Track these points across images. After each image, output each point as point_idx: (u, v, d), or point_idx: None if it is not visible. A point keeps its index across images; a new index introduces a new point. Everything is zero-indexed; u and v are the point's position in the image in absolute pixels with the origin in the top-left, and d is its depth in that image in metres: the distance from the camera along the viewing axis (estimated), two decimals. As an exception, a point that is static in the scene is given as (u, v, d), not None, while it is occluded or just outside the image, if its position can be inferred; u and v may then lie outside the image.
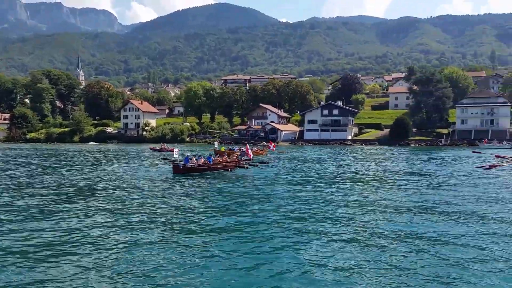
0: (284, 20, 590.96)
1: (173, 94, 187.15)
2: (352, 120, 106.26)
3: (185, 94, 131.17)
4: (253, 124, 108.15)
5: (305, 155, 54.62)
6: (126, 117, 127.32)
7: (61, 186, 22.09)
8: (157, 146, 68.54)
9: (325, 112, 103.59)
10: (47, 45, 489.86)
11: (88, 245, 10.36)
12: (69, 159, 46.74)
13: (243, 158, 33.35)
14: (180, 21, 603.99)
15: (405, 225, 12.57)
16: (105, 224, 12.72)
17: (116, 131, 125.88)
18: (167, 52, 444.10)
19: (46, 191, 19.99)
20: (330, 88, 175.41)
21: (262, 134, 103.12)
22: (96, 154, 58.31)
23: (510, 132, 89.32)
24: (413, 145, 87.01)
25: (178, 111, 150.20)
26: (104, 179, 24.74)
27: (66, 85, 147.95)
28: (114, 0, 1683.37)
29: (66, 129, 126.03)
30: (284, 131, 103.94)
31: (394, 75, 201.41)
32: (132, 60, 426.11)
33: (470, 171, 29.30)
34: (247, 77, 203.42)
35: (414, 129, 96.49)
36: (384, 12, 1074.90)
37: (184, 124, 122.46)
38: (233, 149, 50.01)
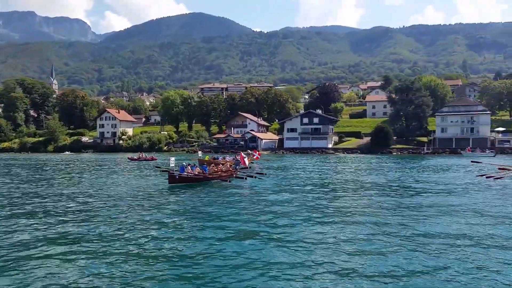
0: (258, 29, 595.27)
1: (148, 103, 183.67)
2: (332, 129, 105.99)
3: (162, 103, 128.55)
4: (232, 132, 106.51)
5: (291, 164, 53.43)
6: (102, 126, 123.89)
7: (51, 198, 20.89)
8: (135, 156, 67.04)
9: (305, 120, 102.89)
10: (20, 53, 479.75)
11: (84, 257, 10.20)
12: (53, 170, 44.33)
13: (238, 167, 32.06)
14: (154, 30, 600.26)
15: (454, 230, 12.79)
16: (104, 235, 12.47)
17: (92, 140, 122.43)
18: (141, 61, 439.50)
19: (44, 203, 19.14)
20: (306, 96, 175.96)
21: (242, 142, 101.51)
22: (78, 164, 55.71)
23: (491, 140, 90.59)
24: (395, 153, 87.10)
25: (155, 119, 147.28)
26: (96, 192, 23.24)
27: (41, 94, 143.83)
28: (88, 9, 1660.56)
29: (41, 139, 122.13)
30: (264, 139, 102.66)
31: (369, 84, 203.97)
32: (106, 69, 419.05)
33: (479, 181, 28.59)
34: (224, 85, 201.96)
35: (394, 138, 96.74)
36: (357, 22, 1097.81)
37: (162, 133, 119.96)
38: (218, 158, 48.27)
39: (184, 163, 27.74)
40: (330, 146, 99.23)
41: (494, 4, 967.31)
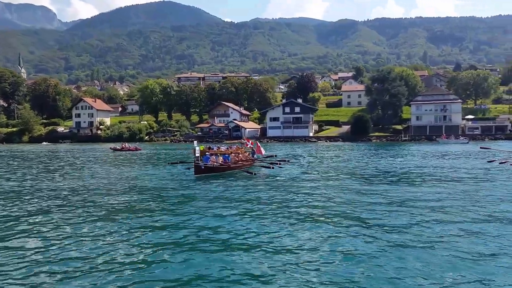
0: (228, 19, 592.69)
1: (122, 92, 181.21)
2: (312, 118, 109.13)
3: (141, 92, 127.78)
4: (215, 122, 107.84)
5: (289, 151, 55.73)
6: (78, 115, 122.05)
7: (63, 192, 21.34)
8: (118, 146, 66.29)
9: (287, 109, 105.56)
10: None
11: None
12: (54, 161, 44.46)
13: (255, 156, 32.10)
14: (123, 18, 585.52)
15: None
16: (164, 228, 12.03)
17: (68, 130, 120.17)
18: (110, 50, 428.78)
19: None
20: (281, 87, 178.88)
21: (226, 131, 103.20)
22: (69, 155, 55.99)
23: (462, 127, 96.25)
24: (374, 140, 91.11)
25: (132, 109, 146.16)
26: (128, 185, 21.61)
27: (11, 83, 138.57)
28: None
29: (14, 129, 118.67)
30: (248, 128, 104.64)
31: (340, 74, 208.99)
32: (73, 57, 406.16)
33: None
34: (201, 75, 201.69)
35: (372, 126, 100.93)
36: (323, 14, 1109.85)
37: (142, 122, 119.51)
38: (213, 148, 49.60)
39: (207, 153, 27.00)
40: (311, 134, 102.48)
41: (449, 0, 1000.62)
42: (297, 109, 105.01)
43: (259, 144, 33.08)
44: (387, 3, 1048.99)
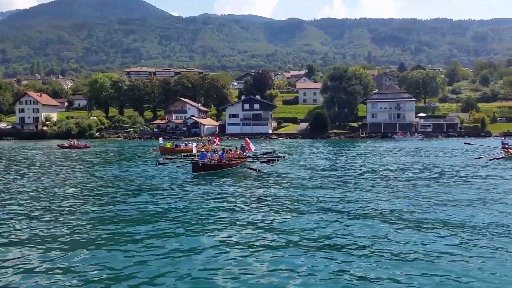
0: (176, 14, 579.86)
1: (66, 86, 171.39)
2: (271, 114, 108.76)
3: (90, 86, 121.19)
4: (172, 118, 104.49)
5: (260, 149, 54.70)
6: (22, 110, 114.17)
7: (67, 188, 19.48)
8: (66, 143, 62.14)
9: (246, 106, 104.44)
10: None
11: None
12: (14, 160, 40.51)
13: (245, 153, 30.62)
14: (65, 10, 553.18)
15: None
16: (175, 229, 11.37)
17: (11, 126, 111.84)
18: (50, 42, 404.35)
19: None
20: (235, 83, 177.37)
21: (184, 128, 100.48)
22: (23, 155, 51.53)
23: (414, 125, 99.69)
24: (333, 137, 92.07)
25: (79, 104, 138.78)
26: (128, 184, 20.13)
27: None
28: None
29: None
30: (207, 125, 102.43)
31: (293, 72, 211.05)
32: (11, 49, 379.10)
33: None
34: (152, 69, 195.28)
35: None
36: (272, 12, 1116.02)
37: (91, 118, 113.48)
38: (179, 146, 47.61)
39: (203, 150, 26.66)
40: (270, 131, 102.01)
41: (391, 2, 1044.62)
42: (257, 106, 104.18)
43: (248, 141, 31.70)
44: (333, 3, 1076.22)
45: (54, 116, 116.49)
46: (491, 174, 22.82)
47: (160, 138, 55.39)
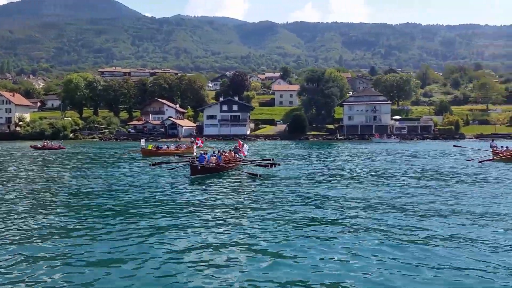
0: (148, 14, 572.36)
1: (38, 86, 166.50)
2: (249, 116, 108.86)
3: (65, 86, 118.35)
4: (149, 119, 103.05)
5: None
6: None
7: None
8: (39, 144, 60.32)
9: (225, 107, 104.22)
10: None
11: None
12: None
13: (238, 155, 30.17)
14: (35, 9, 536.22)
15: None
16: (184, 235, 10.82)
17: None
18: (20, 41, 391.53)
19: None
20: (210, 85, 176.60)
21: (162, 129, 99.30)
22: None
23: (390, 127, 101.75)
24: (311, 139, 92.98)
25: (52, 104, 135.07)
26: (128, 187, 19.45)
27: None
28: None
29: None
30: (185, 126, 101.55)
31: (267, 74, 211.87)
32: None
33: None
34: (127, 70, 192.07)
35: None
36: (244, 15, 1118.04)
37: (65, 118, 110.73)
38: (161, 147, 46.87)
39: (202, 152, 25.84)
40: (248, 133, 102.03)
41: (362, 7, 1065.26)
42: (235, 107, 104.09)
43: (241, 143, 31.47)
44: (304, 7, 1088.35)
45: (28, 117, 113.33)
46: (486, 175, 23.60)
47: (142, 140, 53.73)
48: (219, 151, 28.21)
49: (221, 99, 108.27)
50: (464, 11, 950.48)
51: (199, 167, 23.04)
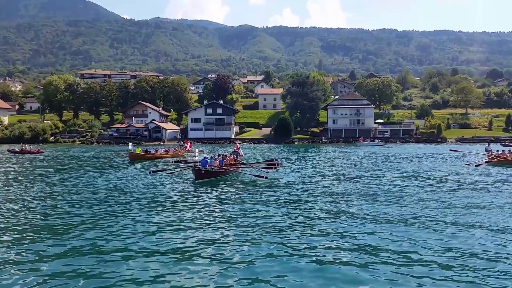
0: (127, 17, 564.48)
1: (15, 89, 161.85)
2: (234, 119, 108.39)
3: (44, 88, 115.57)
4: (133, 122, 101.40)
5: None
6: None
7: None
8: (16, 148, 58.41)
9: (209, 110, 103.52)
10: None
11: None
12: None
13: (238, 158, 30.39)
14: (9, 9, 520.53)
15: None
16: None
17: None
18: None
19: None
20: (192, 88, 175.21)
21: (146, 133, 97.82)
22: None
23: (373, 130, 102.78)
24: (297, 143, 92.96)
25: (31, 107, 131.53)
26: (136, 192, 18.86)
27: None
28: None
29: None
30: (169, 129, 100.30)
31: (249, 78, 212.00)
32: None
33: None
34: (107, 72, 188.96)
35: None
36: (224, 18, 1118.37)
37: (45, 122, 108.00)
38: (150, 151, 46.01)
39: (205, 156, 25.59)
40: (233, 136, 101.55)
41: (339, 12, 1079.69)
42: (220, 111, 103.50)
43: (238, 145, 31.17)
44: (283, 12, 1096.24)
45: (6, 120, 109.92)
46: (486, 178, 23.94)
47: (130, 144, 52.23)
48: (220, 155, 27.88)
49: (205, 102, 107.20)
50: (438, 18, 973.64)
51: (203, 171, 22.76)
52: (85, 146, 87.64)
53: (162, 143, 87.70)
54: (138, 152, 43.74)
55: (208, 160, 24.35)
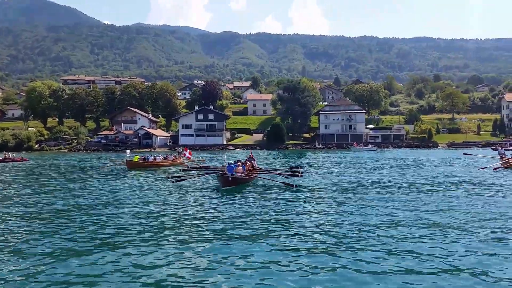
0: (108, 22, 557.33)
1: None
2: (225, 125, 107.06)
3: (28, 95, 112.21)
4: (122, 129, 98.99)
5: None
6: None
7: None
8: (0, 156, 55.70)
9: (200, 117, 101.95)
10: None
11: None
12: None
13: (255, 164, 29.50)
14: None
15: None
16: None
17: None
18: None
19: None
20: (179, 94, 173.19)
21: (136, 139, 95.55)
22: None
23: (365, 136, 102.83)
24: (290, 148, 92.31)
25: (13, 114, 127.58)
26: (163, 204, 17.01)
27: None
28: None
29: None
30: (159, 136, 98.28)
31: (236, 84, 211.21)
32: None
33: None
34: (91, 78, 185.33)
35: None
36: (207, 25, 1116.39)
37: (29, 129, 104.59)
38: (148, 159, 44.22)
39: (230, 162, 24.45)
40: (225, 142, 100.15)
41: (321, 19, 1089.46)
42: (211, 117, 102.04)
43: (252, 152, 29.93)
44: (265, 19, 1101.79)
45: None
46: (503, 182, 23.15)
47: (127, 151, 49.73)
48: (239, 161, 26.62)
49: (196, 108, 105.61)
50: (418, 25, 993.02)
51: (230, 178, 21.94)
52: (73, 153, 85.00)
53: (153, 150, 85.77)
54: (137, 160, 41.78)
55: (233, 166, 23.41)
